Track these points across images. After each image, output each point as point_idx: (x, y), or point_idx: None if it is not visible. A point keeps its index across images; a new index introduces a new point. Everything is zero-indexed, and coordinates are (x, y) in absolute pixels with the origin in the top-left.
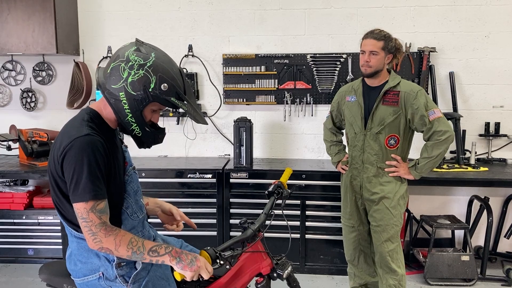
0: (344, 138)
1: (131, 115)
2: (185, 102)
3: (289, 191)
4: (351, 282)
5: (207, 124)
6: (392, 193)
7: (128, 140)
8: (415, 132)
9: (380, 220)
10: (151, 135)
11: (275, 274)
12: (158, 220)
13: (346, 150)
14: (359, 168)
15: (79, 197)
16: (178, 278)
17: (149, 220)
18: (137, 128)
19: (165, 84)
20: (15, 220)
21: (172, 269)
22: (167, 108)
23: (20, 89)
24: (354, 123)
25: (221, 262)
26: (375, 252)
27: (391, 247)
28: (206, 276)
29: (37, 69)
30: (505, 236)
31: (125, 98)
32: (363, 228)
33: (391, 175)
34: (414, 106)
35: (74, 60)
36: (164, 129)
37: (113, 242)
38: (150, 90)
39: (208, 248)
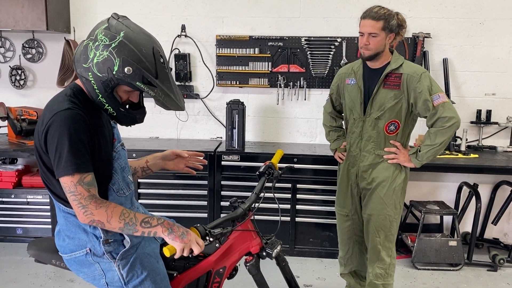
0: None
1: (101, 95)
2: (153, 86)
3: (280, 172)
4: (342, 268)
5: (182, 109)
6: (387, 182)
7: None
8: (419, 117)
9: (373, 209)
10: (127, 116)
11: (264, 253)
12: (152, 202)
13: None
14: (357, 156)
15: (63, 171)
16: (167, 254)
17: (141, 201)
18: (110, 108)
19: (129, 68)
20: (3, 199)
21: (161, 247)
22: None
23: (9, 66)
24: (354, 108)
25: (211, 239)
26: (368, 240)
27: (382, 237)
28: (196, 250)
29: (26, 46)
30: (492, 223)
31: (93, 79)
32: (357, 217)
33: (390, 161)
34: (417, 89)
35: (64, 37)
36: (143, 108)
37: (104, 214)
38: (114, 72)
39: (198, 225)
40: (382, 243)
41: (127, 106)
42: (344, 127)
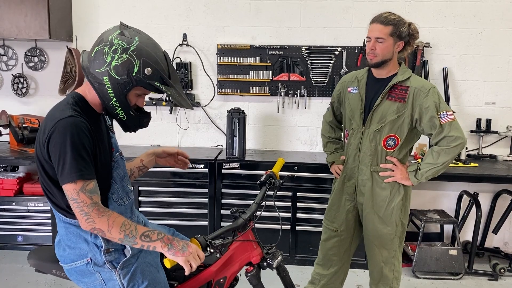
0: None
1: (115, 99)
2: (169, 86)
3: (281, 181)
4: (312, 286)
5: (192, 108)
6: (385, 201)
7: (116, 127)
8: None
9: (372, 230)
10: (136, 119)
11: (265, 264)
12: (152, 210)
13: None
14: (354, 169)
15: (66, 178)
16: (168, 266)
17: (141, 209)
18: (121, 112)
19: (149, 69)
20: (4, 207)
21: (162, 257)
22: (153, 93)
23: (12, 74)
24: (353, 118)
25: (212, 250)
26: (370, 258)
27: (385, 254)
28: (194, 265)
29: (29, 54)
30: (493, 232)
31: (109, 82)
32: (347, 234)
33: (387, 180)
34: (424, 104)
35: (67, 46)
36: (149, 113)
37: (106, 223)
38: (134, 74)
39: (199, 236)
40: (385, 260)
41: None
42: (342, 139)
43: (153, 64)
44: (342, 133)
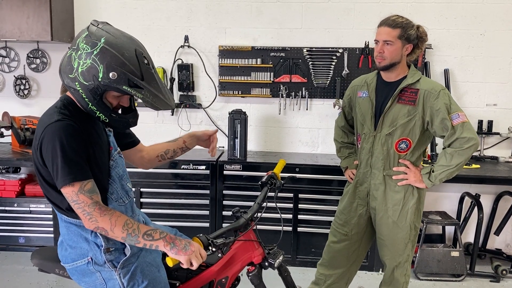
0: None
1: (90, 104)
2: (140, 88)
3: (282, 182)
4: (316, 287)
5: (173, 108)
6: (399, 205)
7: None
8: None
9: (387, 235)
10: (120, 121)
11: (266, 263)
12: (154, 211)
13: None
14: (367, 173)
15: (62, 181)
16: (170, 264)
17: (143, 210)
18: (102, 115)
19: (114, 73)
20: (6, 208)
21: (163, 256)
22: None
23: (14, 76)
24: (364, 123)
25: (213, 249)
26: (384, 262)
27: (398, 259)
28: (196, 264)
29: (31, 56)
30: (495, 233)
31: (80, 88)
32: (358, 238)
33: (400, 183)
34: (435, 107)
35: (68, 48)
36: (135, 111)
37: (108, 221)
38: (100, 79)
39: (201, 235)
40: (397, 264)
41: (119, 111)
42: (355, 144)
43: (119, 67)
44: (354, 138)
